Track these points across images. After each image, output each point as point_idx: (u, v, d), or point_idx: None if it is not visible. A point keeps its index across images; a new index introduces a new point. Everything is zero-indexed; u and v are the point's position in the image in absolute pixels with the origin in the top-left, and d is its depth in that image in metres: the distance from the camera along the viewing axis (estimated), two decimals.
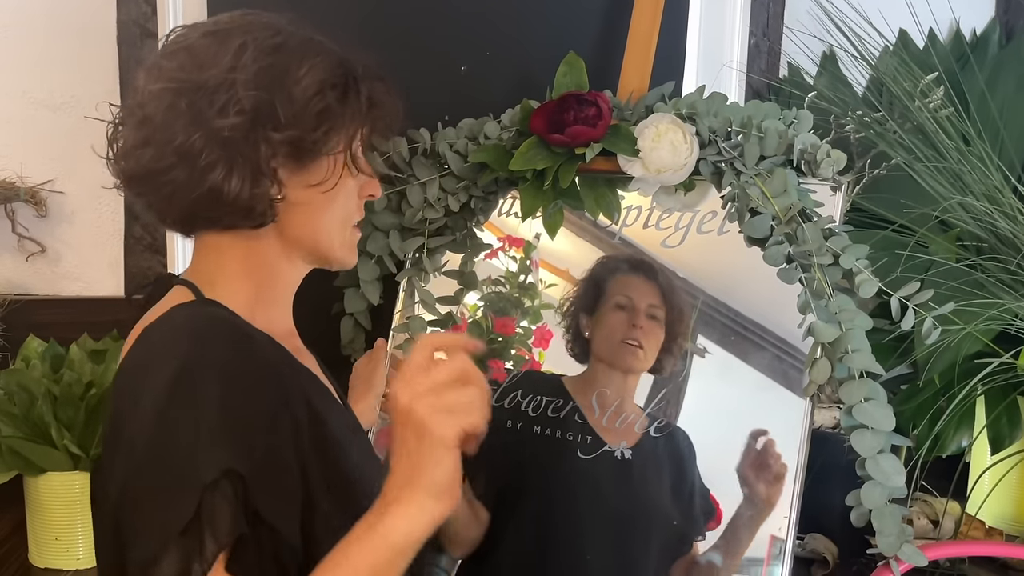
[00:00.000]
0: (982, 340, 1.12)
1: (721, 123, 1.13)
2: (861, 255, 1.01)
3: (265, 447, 0.71)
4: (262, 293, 0.84)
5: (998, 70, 1.55)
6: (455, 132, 1.27)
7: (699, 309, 1.19)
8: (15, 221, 1.49)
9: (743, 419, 1.14)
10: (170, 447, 0.68)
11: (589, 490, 1.17)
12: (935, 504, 1.36)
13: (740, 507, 1.11)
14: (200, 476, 0.67)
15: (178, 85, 0.77)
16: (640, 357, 1.18)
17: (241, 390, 0.71)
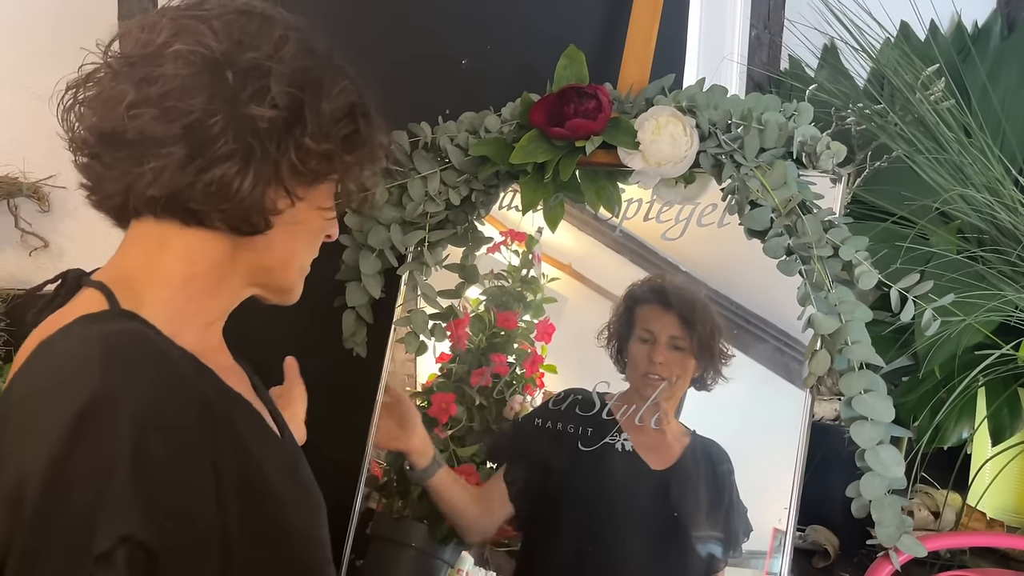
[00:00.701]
0: (982, 332, 1.12)
1: (721, 116, 1.13)
2: (861, 247, 1.01)
3: (179, 510, 0.60)
4: (194, 304, 0.73)
5: (1000, 62, 1.55)
6: (456, 126, 1.27)
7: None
8: (18, 216, 1.50)
9: (744, 412, 1.14)
10: (64, 503, 0.57)
11: (623, 497, 1.18)
12: (936, 496, 1.37)
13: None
14: (93, 544, 0.56)
15: (208, 54, 0.68)
16: (663, 388, 1.18)
17: (157, 441, 0.60)
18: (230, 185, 0.69)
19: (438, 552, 1.27)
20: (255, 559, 0.66)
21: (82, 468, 0.58)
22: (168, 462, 0.60)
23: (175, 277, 0.72)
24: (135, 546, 0.57)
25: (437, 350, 1.33)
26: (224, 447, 0.65)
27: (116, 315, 0.68)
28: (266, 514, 0.69)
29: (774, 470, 1.08)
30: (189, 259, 0.72)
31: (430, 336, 1.29)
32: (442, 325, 1.31)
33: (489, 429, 1.29)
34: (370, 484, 1.31)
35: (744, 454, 1.14)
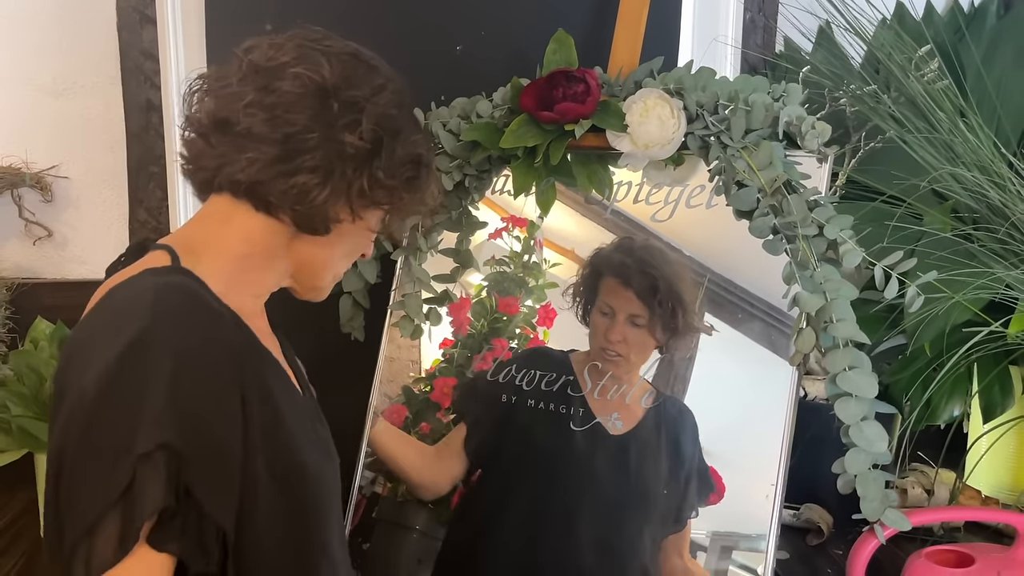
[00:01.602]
0: (971, 309, 1.13)
1: (709, 98, 1.13)
2: (845, 226, 1.02)
3: (207, 429, 0.71)
4: (246, 275, 0.85)
5: (996, 41, 1.54)
6: (448, 111, 1.29)
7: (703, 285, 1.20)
8: (22, 206, 1.52)
9: (732, 389, 1.15)
10: (111, 415, 0.69)
11: (581, 462, 1.19)
12: (931, 474, 1.38)
13: None
14: (135, 446, 0.67)
15: (321, 81, 0.81)
16: (620, 365, 1.19)
17: (193, 370, 0.71)
18: (309, 192, 0.81)
19: (441, 534, 1.29)
20: (276, 492, 0.77)
21: (127, 388, 0.69)
22: (198, 393, 0.71)
23: (233, 251, 0.84)
24: (170, 451, 0.68)
25: (433, 334, 1.34)
26: (251, 392, 0.76)
27: (174, 270, 0.79)
28: (286, 455, 0.79)
29: (763, 446, 1.09)
30: (248, 239, 0.84)
31: (425, 320, 1.31)
32: (437, 309, 1.32)
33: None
34: (374, 468, 1.33)
35: (732, 430, 1.15)
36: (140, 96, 1.51)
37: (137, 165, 1.53)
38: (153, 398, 0.68)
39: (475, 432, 1.26)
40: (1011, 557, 1.00)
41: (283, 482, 0.78)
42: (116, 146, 1.53)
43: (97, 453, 0.68)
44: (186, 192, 1.47)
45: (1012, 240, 1.17)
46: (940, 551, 1.03)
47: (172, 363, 0.70)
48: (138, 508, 0.67)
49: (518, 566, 1.19)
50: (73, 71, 1.52)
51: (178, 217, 1.50)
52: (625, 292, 1.19)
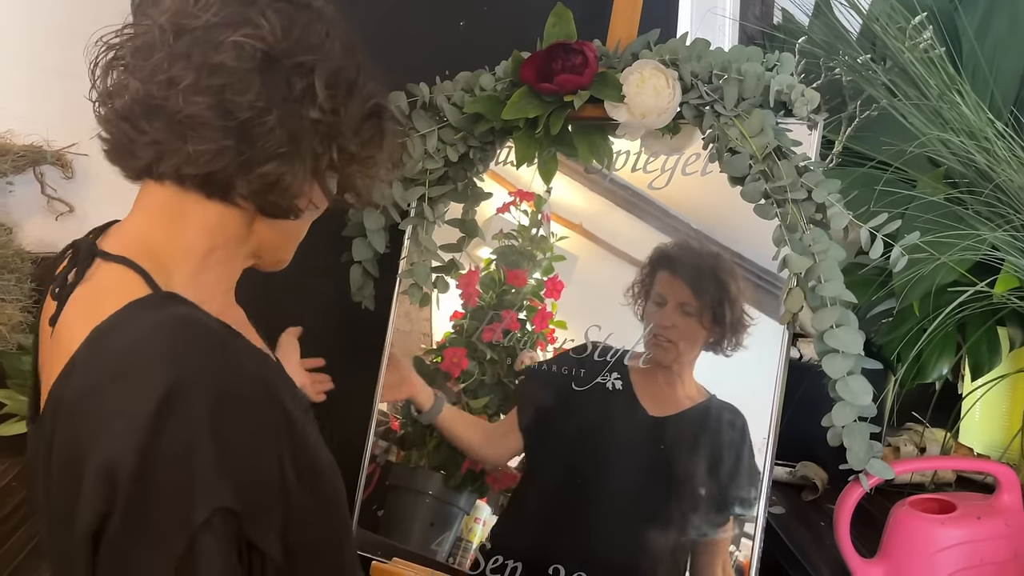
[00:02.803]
0: (957, 270, 1.17)
1: (703, 68, 1.17)
2: (833, 189, 1.06)
3: (258, 479, 0.67)
4: (218, 274, 0.77)
5: (991, 10, 1.56)
6: (452, 85, 1.33)
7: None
8: (44, 183, 1.58)
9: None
10: (158, 487, 0.63)
11: (619, 440, 1.26)
12: (927, 434, 1.42)
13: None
14: (192, 517, 0.63)
15: (268, 49, 0.69)
16: (670, 351, 1.24)
17: (232, 419, 0.65)
18: (277, 182, 0.71)
19: (454, 499, 1.35)
20: (305, 499, 0.72)
21: (169, 455, 0.62)
22: (242, 436, 0.66)
23: (198, 251, 0.74)
24: (226, 512, 0.63)
25: (441, 302, 1.39)
26: (278, 411, 0.70)
27: (164, 299, 0.70)
28: (304, 454, 0.73)
29: (756, 402, 1.14)
30: (209, 233, 0.74)
31: (433, 288, 1.36)
32: (445, 277, 1.38)
33: (500, 382, 1.36)
34: (387, 437, 1.39)
35: (726, 388, 1.20)
36: None
37: None
38: (200, 460, 0.63)
39: (526, 412, 1.33)
40: (991, 504, 1.04)
41: (307, 480, 0.72)
42: None
43: (151, 524, 0.63)
44: None
45: (999, 203, 1.21)
46: (924, 499, 1.07)
47: (209, 417, 0.63)
48: (211, 569, 0.63)
49: (556, 537, 1.25)
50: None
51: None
52: (676, 281, 1.25)
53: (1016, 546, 1.03)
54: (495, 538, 1.29)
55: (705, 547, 1.17)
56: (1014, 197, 1.19)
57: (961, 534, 1.01)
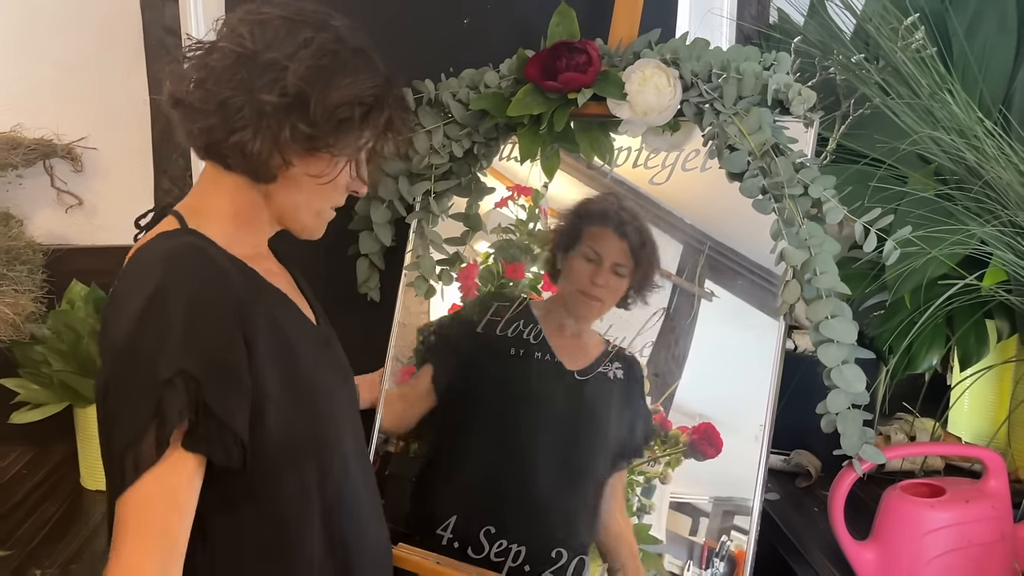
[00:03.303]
0: (947, 264, 1.21)
1: (703, 67, 1.21)
2: (829, 185, 1.10)
3: (216, 358, 0.87)
4: (241, 226, 0.99)
5: (980, 11, 1.60)
6: (457, 82, 1.36)
7: (689, 246, 1.27)
8: (54, 176, 1.61)
9: (722, 343, 1.23)
10: (139, 353, 0.85)
11: (542, 397, 1.30)
12: (916, 423, 1.47)
13: None
14: (160, 375, 0.84)
15: (243, 51, 0.91)
16: (595, 309, 1.29)
17: (201, 313, 0.87)
18: (246, 146, 0.92)
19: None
20: (291, 405, 0.93)
21: (150, 331, 0.86)
22: (206, 330, 0.87)
23: (226, 211, 0.98)
24: (187, 376, 0.84)
25: (445, 294, 1.42)
26: (254, 325, 0.90)
27: (182, 232, 0.95)
28: (298, 374, 0.95)
29: (753, 391, 1.17)
30: (232, 198, 0.98)
31: (438, 280, 1.39)
32: (449, 270, 1.41)
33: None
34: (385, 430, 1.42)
35: (724, 380, 1.22)
36: (163, 70, 1.58)
37: (161, 137, 1.61)
38: (170, 337, 0.84)
39: (442, 372, 1.37)
40: (979, 488, 1.09)
41: (298, 397, 0.94)
42: (141, 118, 1.61)
43: (132, 383, 0.86)
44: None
45: (987, 199, 1.25)
46: (914, 484, 1.11)
47: (184, 308, 0.86)
48: (168, 422, 0.84)
49: (483, 492, 1.31)
50: (99, 47, 1.60)
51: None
52: (618, 242, 1.29)
53: (1002, 528, 1.07)
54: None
55: (611, 488, 1.24)
56: (1002, 193, 1.24)
57: (950, 516, 1.05)
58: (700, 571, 1.18)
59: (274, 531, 0.94)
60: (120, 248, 1.63)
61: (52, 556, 1.28)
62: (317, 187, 0.98)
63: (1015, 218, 1.22)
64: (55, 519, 1.40)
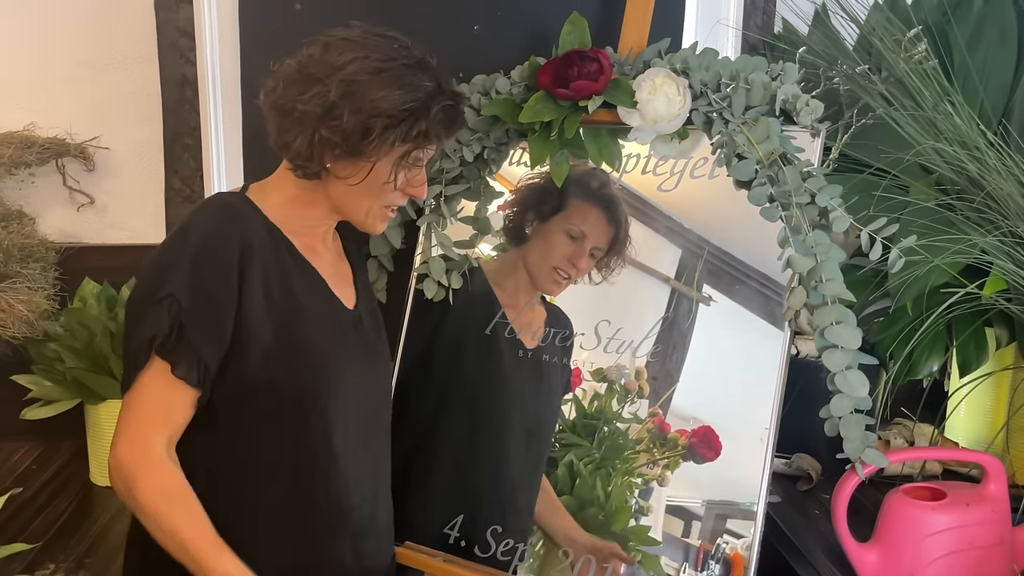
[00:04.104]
0: (949, 272, 1.23)
1: (712, 76, 1.23)
2: (835, 194, 1.12)
3: (204, 290, 1.01)
4: (298, 208, 1.11)
5: (982, 23, 1.62)
6: (468, 88, 1.38)
7: (688, 251, 1.30)
8: (66, 175, 1.62)
9: (728, 349, 1.25)
10: (152, 273, 1.03)
11: (509, 373, 1.34)
12: (915, 429, 1.49)
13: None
14: (156, 295, 1.00)
15: (302, 68, 1.04)
16: (560, 287, 1.32)
17: (206, 250, 1.01)
18: (290, 146, 1.05)
19: None
20: (278, 356, 1.04)
21: (165, 259, 1.03)
22: (207, 266, 1.01)
23: (285, 192, 1.10)
24: (173, 298, 1.00)
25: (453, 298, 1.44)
26: (259, 273, 1.03)
27: (231, 193, 1.13)
28: (295, 331, 1.06)
29: (758, 397, 1.19)
30: (294, 184, 1.09)
31: (448, 282, 1.41)
32: (458, 272, 1.42)
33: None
34: None
35: (731, 386, 1.24)
36: (176, 71, 1.60)
37: (173, 137, 1.62)
38: (177, 266, 1.00)
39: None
40: (979, 492, 1.11)
41: (291, 353, 1.05)
42: (153, 119, 1.62)
43: (139, 299, 1.03)
44: (219, 162, 1.55)
45: (988, 210, 1.27)
46: (916, 487, 1.14)
47: (196, 244, 1.02)
48: (153, 334, 0.99)
49: (456, 469, 1.33)
50: (113, 48, 1.61)
51: (211, 186, 1.58)
52: (605, 227, 1.32)
53: (1001, 531, 1.09)
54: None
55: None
56: (1003, 204, 1.26)
57: (951, 520, 1.08)
58: (696, 573, 1.19)
59: (234, 469, 1.05)
60: (131, 247, 1.70)
61: (66, 551, 1.30)
62: (359, 188, 1.06)
63: (1015, 228, 1.25)
64: (67, 514, 1.41)
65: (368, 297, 1.22)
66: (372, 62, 1.02)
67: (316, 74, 1.02)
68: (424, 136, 1.04)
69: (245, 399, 1.04)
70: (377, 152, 1.03)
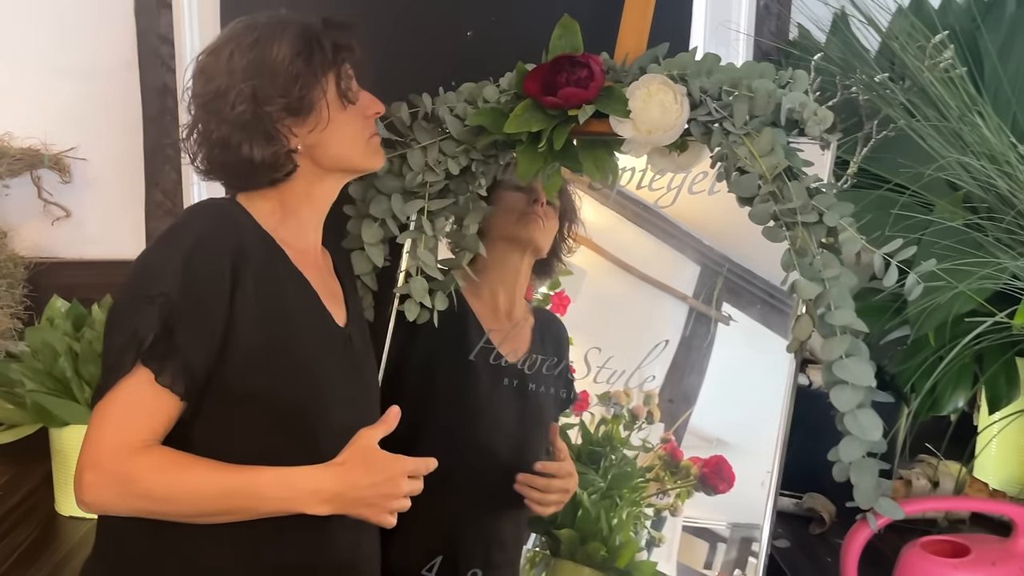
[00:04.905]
0: (975, 299, 1.12)
1: (713, 83, 1.13)
2: (846, 213, 1.02)
3: (197, 293, 0.95)
4: (288, 216, 1.08)
5: (1015, 29, 1.52)
6: (455, 96, 1.29)
7: (707, 268, 1.22)
8: (41, 187, 1.56)
9: (733, 376, 1.17)
10: (143, 274, 0.98)
11: (491, 395, 1.28)
12: (940, 467, 1.37)
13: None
14: (148, 292, 0.94)
15: (202, 100, 1.03)
16: (542, 228, 1.30)
17: (200, 251, 0.97)
18: (252, 158, 1.03)
19: None
20: (263, 367, 0.98)
21: (156, 258, 0.99)
22: (199, 270, 0.96)
23: (269, 199, 1.07)
24: (166, 297, 0.94)
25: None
26: (248, 279, 0.98)
27: (222, 198, 1.10)
28: (286, 339, 1.01)
29: (759, 434, 1.10)
30: (271, 192, 1.07)
31: (430, 303, 1.32)
32: (443, 293, 1.34)
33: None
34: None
35: (734, 419, 1.17)
36: (157, 80, 1.54)
37: (153, 148, 1.57)
38: (171, 265, 0.95)
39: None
40: (1007, 548, 0.99)
41: (278, 361, 0.99)
42: (133, 129, 1.57)
43: (128, 299, 0.97)
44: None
45: (1020, 230, 1.16)
46: (936, 541, 1.02)
47: (190, 245, 0.97)
48: (141, 337, 0.93)
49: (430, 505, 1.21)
50: (91, 55, 1.56)
51: (193, 199, 1.53)
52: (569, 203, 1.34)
53: None
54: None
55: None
56: None
57: None
58: None
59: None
60: (108, 262, 1.64)
61: None
62: (331, 132, 1.05)
63: None
64: (27, 544, 1.34)
65: (359, 317, 1.18)
66: (246, 41, 1.02)
67: (221, 87, 1.01)
68: (337, 49, 1.04)
69: (226, 409, 0.98)
70: (313, 94, 1.03)
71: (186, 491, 0.93)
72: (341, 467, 0.96)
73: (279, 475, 0.94)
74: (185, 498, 0.93)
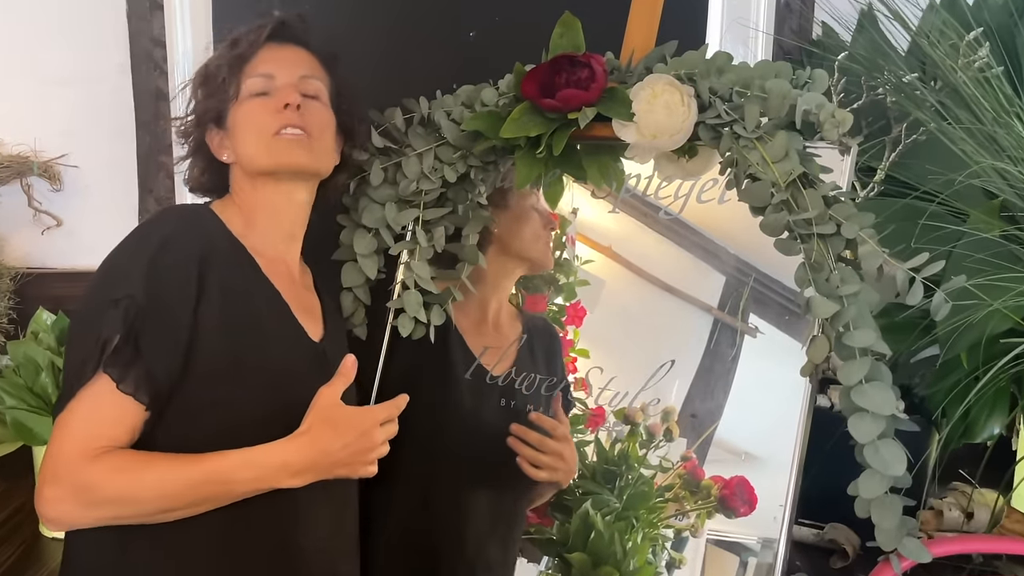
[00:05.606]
0: (1012, 318, 1.03)
1: (723, 84, 1.05)
2: (866, 224, 0.93)
3: (163, 297, 0.92)
4: (256, 226, 1.07)
5: None
6: (452, 99, 1.22)
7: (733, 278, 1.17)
8: (31, 196, 1.52)
9: (762, 389, 1.12)
10: (106, 278, 0.94)
11: (474, 415, 1.22)
12: (975, 496, 1.27)
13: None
14: (113, 295, 0.91)
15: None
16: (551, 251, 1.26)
17: (166, 255, 0.94)
18: (200, 175, 1.13)
19: None
20: (234, 374, 0.95)
21: (120, 261, 0.96)
22: (164, 272, 0.93)
23: (235, 206, 1.08)
24: (130, 300, 0.90)
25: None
26: (213, 283, 0.96)
27: (191, 203, 1.12)
28: (245, 347, 0.97)
29: (774, 460, 1.03)
30: (240, 199, 1.08)
31: (426, 318, 1.25)
32: (441, 307, 1.27)
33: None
34: None
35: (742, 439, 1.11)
36: (150, 84, 1.50)
37: (147, 154, 1.53)
38: (135, 268, 0.92)
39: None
40: None
41: (243, 370, 0.96)
42: (126, 135, 1.53)
43: (90, 304, 0.93)
44: None
45: None
46: None
47: (155, 248, 0.94)
48: (105, 333, 0.89)
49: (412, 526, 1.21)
50: (83, 59, 1.53)
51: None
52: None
53: None
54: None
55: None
56: None
57: None
58: None
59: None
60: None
61: None
62: (239, 131, 1.05)
63: None
64: (9, 563, 1.30)
65: (338, 334, 1.13)
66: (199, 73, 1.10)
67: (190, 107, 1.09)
68: (248, 44, 1.06)
69: (189, 418, 0.94)
70: (213, 102, 1.06)
71: (151, 488, 0.89)
72: (307, 435, 0.93)
73: (244, 456, 0.91)
74: (151, 496, 0.89)
